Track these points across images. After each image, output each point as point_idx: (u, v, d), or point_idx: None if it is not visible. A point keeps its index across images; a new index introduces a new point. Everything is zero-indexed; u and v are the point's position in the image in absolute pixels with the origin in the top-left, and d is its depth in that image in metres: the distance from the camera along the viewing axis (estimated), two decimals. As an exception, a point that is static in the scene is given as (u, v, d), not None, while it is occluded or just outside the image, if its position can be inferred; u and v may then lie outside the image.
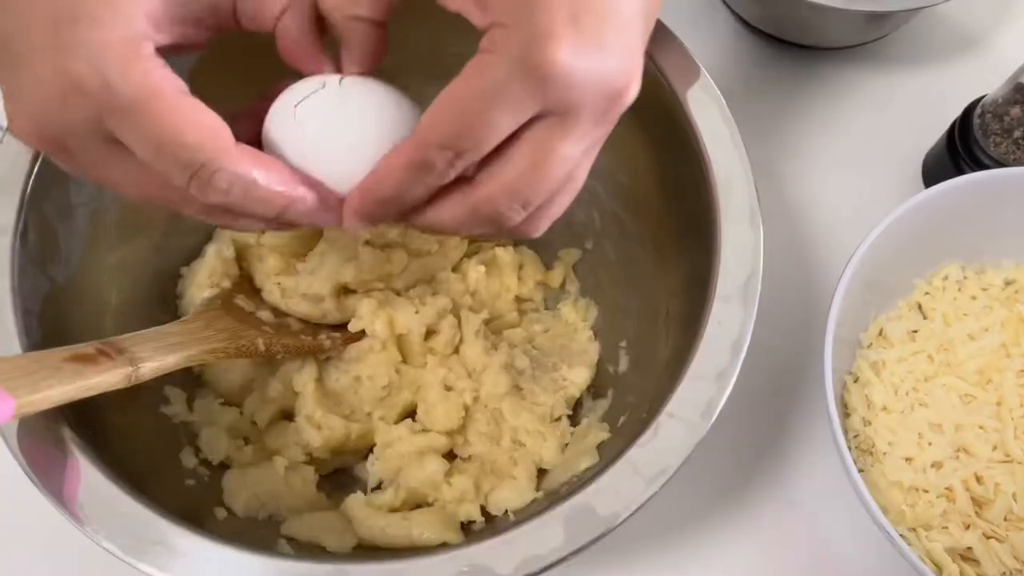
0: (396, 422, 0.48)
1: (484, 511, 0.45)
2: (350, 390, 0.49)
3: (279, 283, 0.49)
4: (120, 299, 0.46)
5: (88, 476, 0.35)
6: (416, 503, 0.45)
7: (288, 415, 0.49)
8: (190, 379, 0.49)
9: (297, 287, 0.49)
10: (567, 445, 0.47)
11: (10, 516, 0.48)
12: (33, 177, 0.40)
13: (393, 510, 0.44)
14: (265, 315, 0.48)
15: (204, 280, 0.49)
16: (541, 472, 0.46)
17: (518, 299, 0.53)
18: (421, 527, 0.42)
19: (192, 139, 0.29)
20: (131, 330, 0.39)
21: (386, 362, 0.48)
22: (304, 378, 0.47)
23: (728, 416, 0.37)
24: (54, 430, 0.36)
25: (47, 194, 0.41)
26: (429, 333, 0.49)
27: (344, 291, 0.49)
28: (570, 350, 0.51)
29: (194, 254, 0.51)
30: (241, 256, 0.51)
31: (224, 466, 0.46)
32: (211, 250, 0.50)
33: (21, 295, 0.38)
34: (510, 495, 0.44)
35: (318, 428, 0.46)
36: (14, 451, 0.35)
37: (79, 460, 0.35)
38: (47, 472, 0.35)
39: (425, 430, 0.47)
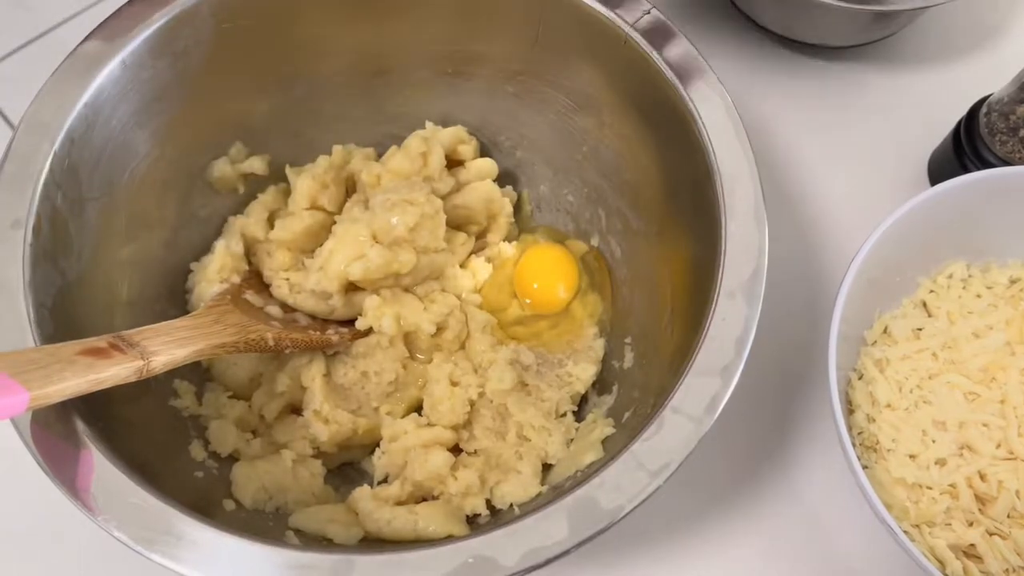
0: (403, 417, 0.49)
1: (489, 505, 0.45)
2: (357, 385, 0.49)
3: (288, 279, 0.50)
4: (130, 293, 0.46)
5: (100, 468, 0.35)
6: (422, 496, 0.46)
7: (296, 409, 0.49)
8: (199, 373, 0.49)
9: (305, 283, 0.49)
10: (572, 440, 0.47)
11: (22, 507, 0.48)
12: (45, 172, 0.40)
13: (399, 503, 0.44)
14: (274, 311, 0.49)
15: (214, 275, 0.49)
16: (546, 467, 0.47)
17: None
18: (427, 520, 0.42)
19: None
20: (142, 324, 0.39)
21: (393, 358, 0.49)
22: (312, 373, 0.48)
23: (732, 412, 0.37)
24: (66, 423, 0.36)
25: (59, 189, 0.41)
26: (437, 330, 0.49)
27: (352, 287, 0.50)
28: (576, 346, 0.51)
29: (203, 249, 0.51)
30: (250, 251, 0.52)
31: (233, 459, 0.46)
32: (220, 245, 0.51)
33: (34, 288, 0.39)
34: (515, 489, 0.44)
35: (325, 422, 0.47)
36: (28, 443, 0.35)
37: (91, 452, 0.35)
38: (60, 464, 0.35)
39: (431, 424, 0.48)
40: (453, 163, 0.54)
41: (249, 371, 0.49)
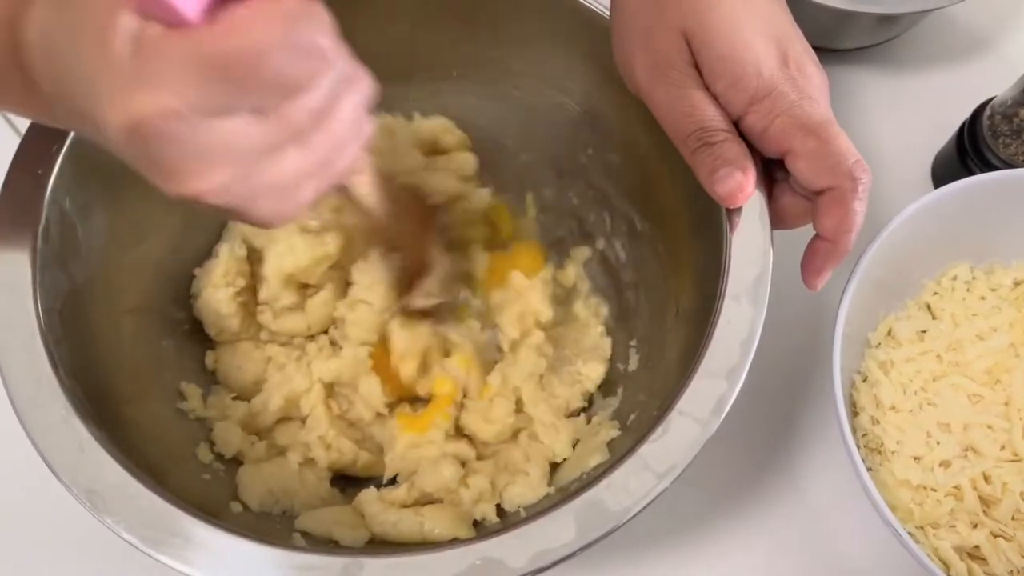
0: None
1: (497, 507, 0.45)
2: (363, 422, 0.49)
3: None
4: (138, 297, 0.46)
5: (108, 470, 0.35)
6: (429, 500, 0.46)
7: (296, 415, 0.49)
8: (205, 375, 0.49)
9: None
10: (578, 442, 0.47)
11: (31, 508, 0.48)
12: (54, 175, 0.41)
13: (406, 506, 0.44)
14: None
15: (220, 279, 0.49)
16: (552, 467, 0.47)
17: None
18: (433, 523, 0.42)
19: None
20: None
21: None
22: (312, 400, 0.47)
23: (737, 414, 0.37)
24: (75, 426, 0.36)
25: (67, 193, 0.41)
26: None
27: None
28: (583, 345, 0.51)
29: (208, 254, 0.51)
30: (252, 255, 0.51)
31: (238, 461, 0.46)
32: (224, 249, 0.50)
33: (43, 292, 0.39)
34: (523, 491, 0.44)
35: (327, 448, 0.46)
36: (37, 445, 0.35)
37: (100, 454, 0.36)
38: (70, 466, 0.35)
39: (461, 433, 0.47)
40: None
41: (252, 374, 0.49)
